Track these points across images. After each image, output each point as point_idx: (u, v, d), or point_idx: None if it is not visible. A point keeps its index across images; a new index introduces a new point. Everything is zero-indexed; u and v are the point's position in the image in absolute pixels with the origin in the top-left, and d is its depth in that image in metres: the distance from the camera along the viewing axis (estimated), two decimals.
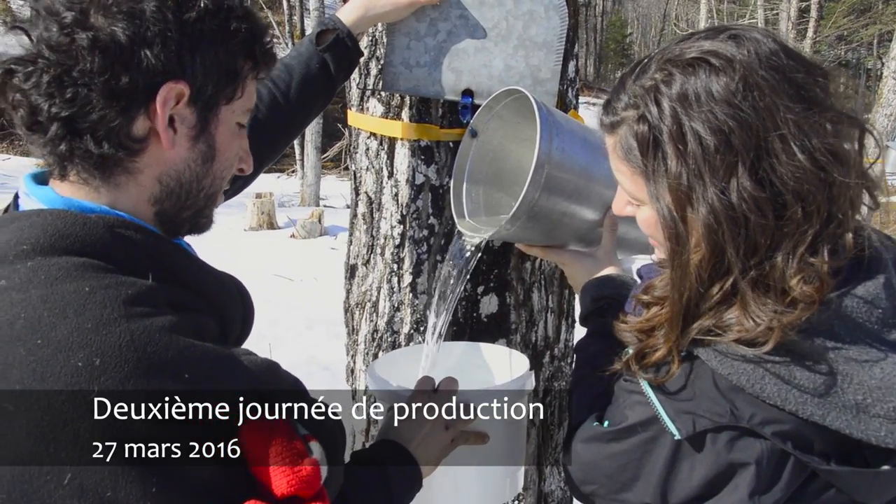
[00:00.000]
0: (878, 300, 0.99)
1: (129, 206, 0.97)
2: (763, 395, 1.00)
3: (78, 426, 0.76)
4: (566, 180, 1.48)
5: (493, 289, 1.87)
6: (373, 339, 1.99)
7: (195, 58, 0.95)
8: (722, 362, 1.02)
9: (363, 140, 1.97)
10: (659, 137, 1.03)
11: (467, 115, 1.71)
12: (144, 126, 0.94)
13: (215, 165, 1.03)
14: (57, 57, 0.89)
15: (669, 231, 1.05)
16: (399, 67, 1.71)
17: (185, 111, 0.97)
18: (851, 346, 0.98)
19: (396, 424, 1.30)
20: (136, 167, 0.96)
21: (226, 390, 0.86)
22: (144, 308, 0.84)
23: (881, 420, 0.96)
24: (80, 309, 0.81)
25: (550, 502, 2.10)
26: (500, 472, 1.49)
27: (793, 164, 0.96)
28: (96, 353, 0.78)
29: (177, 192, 1.00)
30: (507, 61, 1.71)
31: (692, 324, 1.05)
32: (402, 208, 1.87)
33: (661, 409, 1.09)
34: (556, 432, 2.08)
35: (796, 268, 0.97)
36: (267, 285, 8.52)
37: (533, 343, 1.96)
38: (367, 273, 2.01)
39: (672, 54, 1.04)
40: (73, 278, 0.84)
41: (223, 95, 1.00)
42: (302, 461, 0.88)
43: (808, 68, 1.01)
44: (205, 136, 1.00)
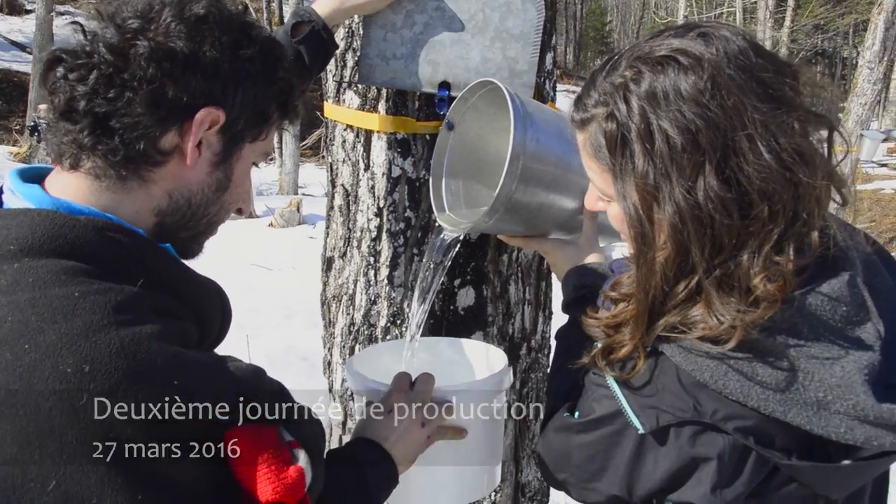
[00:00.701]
0: (843, 298, 0.99)
1: (131, 211, 0.97)
2: (726, 392, 1.01)
3: (65, 432, 0.76)
4: (543, 170, 1.47)
5: (470, 281, 1.87)
6: (349, 331, 1.98)
7: (238, 91, 0.99)
8: (686, 358, 1.03)
9: (340, 132, 1.96)
10: (627, 136, 1.03)
11: (444, 108, 1.70)
12: (173, 141, 0.97)
13: (226, 196, 1.06)
14: (112, 58, 0.92)
15: (635, 230, 1.06)
16: (375, 60, 1.70)
17: (213, 137, 1.00)
18: (814, 344, 0.98)
19: (373, 422, 1.30)
20: (152, 177, 0.98)
21: (213, 397, 0.86)
22: (132, 315, 0.84)
23: (841, 417, 0.97)
24: (69, 314, 0.80)
25: (527, 493, 2.11)
26: (477, 469, 1.49)
27: (759, 163, 0.97)
28: (85, 359, 0.78)
29: (183, 210, 1.02)
30: (484, 53, 1.71)
31: (658, 321, 1.06)
32: (379, 201, 1.86)
33: (625, 403, 1.11)
34: (532, 424, 2.09)
35: (761, 266, 0.98)
36: (245, 274, 8.47)
37: (510, 335, 1.97)
38: (343, 266, 2.00)
39: (642, 52, 1.04)
40: (62, 282, 0.83)
41: (250, 133, 1.04)
42: (287, 468, 0.89)
43: (777, 67, 1.01)
44: (225, 165, 1.03)
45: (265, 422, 0.91)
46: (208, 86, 0.96)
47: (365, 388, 1.43)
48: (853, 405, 0.96)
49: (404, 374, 1.40)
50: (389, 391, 1.36)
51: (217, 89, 0.97)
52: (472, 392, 1.43)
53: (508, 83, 1.69)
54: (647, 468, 1.11)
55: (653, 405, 1.08)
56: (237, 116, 1.01)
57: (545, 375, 2.14)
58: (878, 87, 10.53)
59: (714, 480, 1.05)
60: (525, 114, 1.44)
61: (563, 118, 1.56)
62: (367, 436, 1.27)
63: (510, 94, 1.45)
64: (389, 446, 1.26)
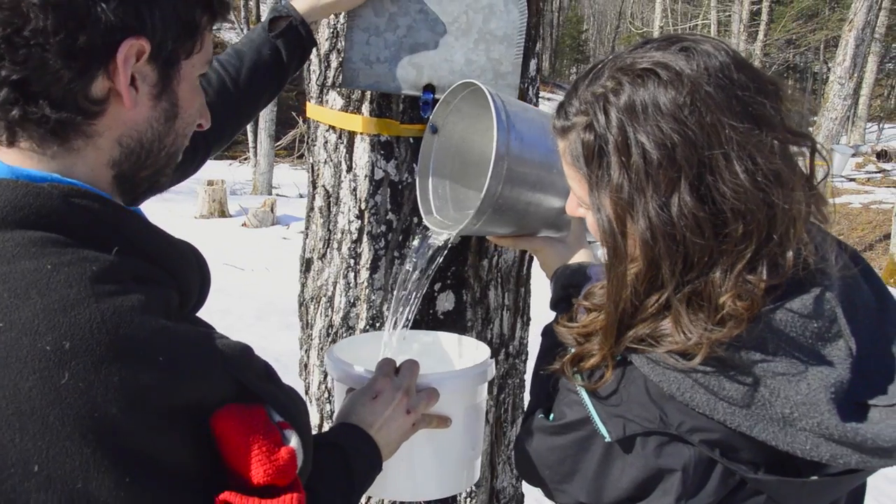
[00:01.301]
0: (813, 314, 0.99)
1: (86, 171, 0.91)
2: (692, 404, 1.01)
3: (47, 413, 0.72)
4: (528, 169, 1.47)
5: (450, 286, 1.86)
6: (328, 334, 1.97)
7: (154, 11, 0.89)
8: (654, 370, 1.04)
9: (322, 133, 1.94)
10: (604, 147, 1.03)
11: (428, 111, 1.70)
12: (104, 86, 0.88)
13: (178, 123, 0.99)
14: (4, 16, 0.82)
15: (608, 242, 1.06)
16: (359, 63, 1.69)
17: (145, 68, 0.91)
18: (781, 360, 0.99)
19: (358, 408, 1.28)
20: (96, 130, 0.90)
21: (200, 375, 0.83)
22: (111, 286, 0.80)
23: (807, 434, 0.98)
24: (44, 289, 0.76)
25: (502, 499, 2.11)
26: (458, 461, 1.49)
27: (735, 182, 0.97)
28: (65, 335, 0.74)
29: (137, 152, 0.95)
30: (468, 55, 1.71)
31: (627, 332, 1.06)
32: (361, 203, 1.85)
33: (593, 411, 1.12)
34: (508, 429, 2.09)
35: (732, 285, 0.98)
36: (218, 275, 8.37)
37: (488, 340, 1.96)
38: (322, 267, 1.99)
39: (624, 63, 1.04)
40: (32, 255, 0.79)
41: (183, 50, 0.96)
42: (279, 450, 0.86)
43: (758, 84, 1.01)
44: (167, 93, 0.96)
45: (254, 401, 0.88)
46: (120, 17, 0.86)
47: (347, 374, 1.41)
48: (818, 423, 0.97)
49: (389, 360, 1.39)
50: (374, 377, 1.34)
51: (130, 17, 0.87)
52: (457, 381, 1.42)
53: (493, 85, 1.70)
54: (613, 476, 1.12)
55: (620, 414, 1.09)
56: (163, 38, 0.91)
57: (522, 382, 2.14)
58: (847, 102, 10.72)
59: (679, 492, 1.06)
60: (508, 113, 1.44)
61: (547, 116, 1.56)
62: (351, 421, 1.25)
63: (491, 94, 1.44)
64: (374, 432, 1.24)
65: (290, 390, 0.99)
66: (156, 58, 0.91)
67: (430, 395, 1.36)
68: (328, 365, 1.48)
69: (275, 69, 1.62)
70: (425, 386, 1.37)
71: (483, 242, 1.88)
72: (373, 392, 1.30)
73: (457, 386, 1.41)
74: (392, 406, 1.28)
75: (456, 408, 1.42)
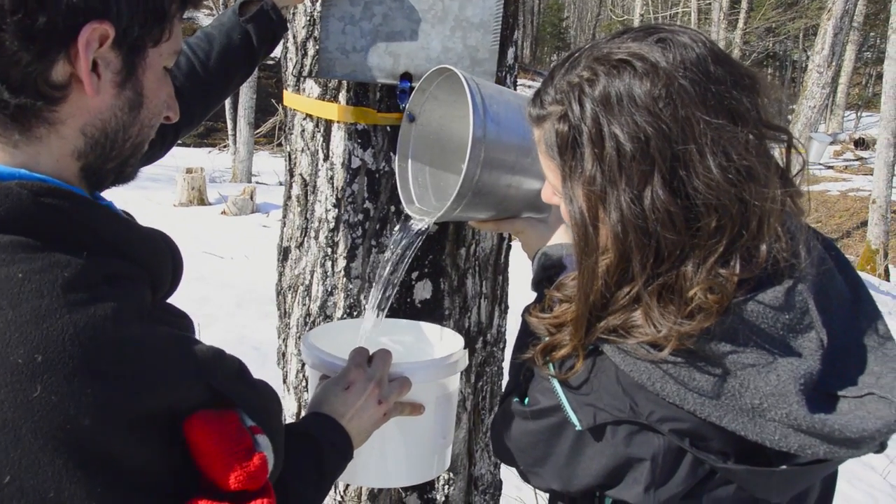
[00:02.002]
0: (784, 306, 1.00)
1: (50, 162, 0.88)
2: (663, 394, 1.02)
3: (19, 426, 0.72)
4: (506, 152, 1.46)
5: (428, 274, 1.86)
6: (305, 322, 1.97)
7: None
8: (625, 360, 1.05)
9: (299, 121, 1.94)
10: (578, 138, 1.03)
11: (405, 99, 1.70)
12: (65, 71, 0.84)
13: (143, 113, 0.95)
14: None
15: (579, 233, 1.06)
16: (335, 53, 1.68)
17: (109, 54, 0.87)
18: (752, 351, 1.00)
19: (331, 398, 1.28)
20: (58, 117, 0.86)
21: (174, 383, 0.83)
22: (83, 294, 0.78)
23: (776, 424, 0.99)
24: (15, 299, 0.75)
25: (480, 486, 2.12)
26: (428, 448, 1.49)
27: (708, 177, 0.97)
28: (37, 348, 0.73)
29: (102, 142, 0.92)
30: (445, 43, 1.70)
31: (598, 323, 1.07)
32: (338, 192, 1.84)
33: (564, 400, 1.13)
34: (486, 416, 2.10)
35: (704, 278, 0.99)
36: (197, 263, 8.34)
37: (466, 329, 1.97)
38: (300, 256, 1.98)
39: (601, 53, 1.04)
40: (2, 262, 0.77)
41: (150, 38, 0.91)
42: (251, 458, 0.86)
43: (735, 77, 1.01)
44: (131, 81, 0.91)
45: (227, 405, 0.89)
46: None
47: (321, 362, 1.42)
48: (786, 414, 0.98)
49: (362, 349, 1.39)
50: (348, 366, 1.34)
51: (94, 0, 0.82)
52: (429, 370, 1.43)
53: (470, 72, 1.69)
54: (583, 463, 1.13)
55: (590, 403, 1.10)
56: (129, 24, 0.87)
57: (500, 370, 2.15)
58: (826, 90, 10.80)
59: (648, 481, 1.07)
60: (483, 96, 1.43)
61: (523, 98, 1.56)
62: (323, 411, 1.25)
63: (466, 77, 1.43)
64: (346, 422, 1.25)
65: (262, 389, 0.99)
66: (120, 44, 0.87)
67: (403, 384, 1.37)
68: (303, 351, 1.48)
69: (245, 54, 1.61)
70: (397, 375, 1.37)
71: (461, 231, 1.88)
72: (345, 382, 1.31)
73: (428, 375, 1.42)
74: (364, 397, 1.29)
75: (427, 397, 1.42)
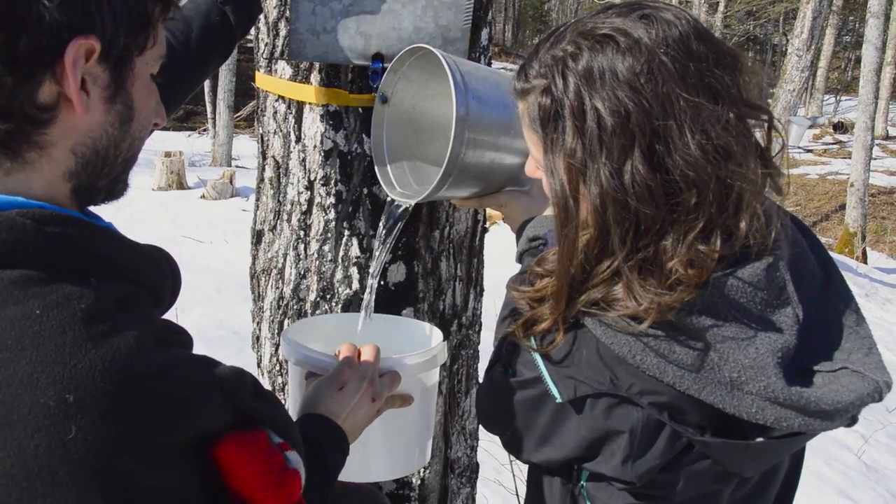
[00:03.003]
0: (761, 283, 1.01)
1: (43, 186, 0.85)
2: (643, 367, 1.03)
3: (56, 470, 0.69)
4: (488, 128, 1.45)
5: (401, 257, 1.85)
6: (278, 306, 1.96)
7: (102, 6, 0.81)
8: (605, 332, 1.06)
9: (271, 103, 1.91)
10: (560, 111, 1.04)
11: (378, 80, 1.68)
12: (52, 92, 0.81)
13: (133, 126, 0.92)
14: None
15: (559, 206, 1.07)
16: (305, 34, 1.66)
17: (96, 69, 0.84)
18: (731, 325, 1.01)
19: (325, 399, 1.27)
20: (48, 140, 0.83)
21: (203, 408, 0.82)
22: (103, 325, 0.76)
23: (753, 397, 1.00)
24: (37, 338, 0.72)
25: (457, 469, 2.13)
26: (410, 442, 1.50)
27: (686, 153, 0.98)
28: (67, 388, 0.71)
29: (93, 161, 0.88)
30: (416, 22, 1.68)
31: (579, 297, 1.07)
32: (310, 174, 1.83)
33: (545, 372, 1.14)
34: (462, 400, 2.10)
35: (684, 253, 0.99)
36: (176, 247, 8.29)
37: (441, 312, 1.96)
38: (273, 239, 1.97)
39: (585, 28, 1.04)
40: (16, 299, 0.74)
41: (136, 46, 0.88)
42: (285, 476, 0.87)
43: (717, 55, 1.01)
44: (121, 94, 0.88)
45: (252, 424, 0.89)
46: (66, 14, 0.78)
47: (307, 359, 1.40)
48: (764, 386, 0.99)
49: (350, 345, 1.38)
50: (340, 366, 1.33)
51: (77, 14, 0.79)
52: (415, 364, 1.43)
53: (442, 51, 1.67)
54: (563, 435, 1.14)
55: (571, 375, 1.11)
56: (114, 35, 0.83)
57: (476, 353, 2.15)
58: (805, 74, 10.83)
59: (626, 453, 1.08)
60: (462, 73, 1.42)
61: (500, 74, 1.55)
62: (319, 412, 1.25)
63: (444, 56, 1.42)
64: (342, 421, 1.24)
65: (277, 402, 0.99)
66: (107, 57, 0.84)
67: (393, 379, 1.37)
68: (284, 349, 1.47)
69: (223, 35, 1.60)
70: (387, 370, 1.37)
71: (434, 213, 1.87)
72: (339, 382, 1.30)
73: (415, 369, 1.42)
74: (358, 395, 1.29)
75: (412, 390, 1.43)
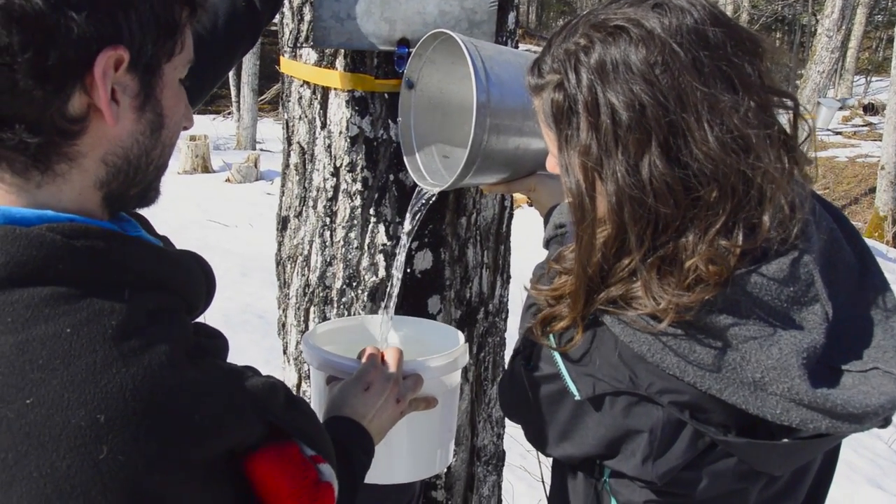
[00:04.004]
0: (788, 278, 0.98)
1: (73, 196, 0.83)
2: (663, 366, 1.01)
3: (89, 490, 0.69)
4: (511, 114, 1.43)
5: (428, 244, 1.84)
6: (304, 293, 1.95)
7: (130, 14, 0.80)
8: (625, 330, 1.03)
9: (296, 88, 1.90)
10: (574, 107, 1.01)
11: (403, 66, 1.65)
12: (82, 103, 0.79)
13: (164, 133, 0.91)
14: None
15: (576, 206, 1.04)
16: (329, 21, 1.63)
17: (126, 79, 0.82)
18: (754, 324, 0.97)
19: (351, 399, 1.27)
20: (78, 151, 0.82)
21: (235, 424, 0.82)
22: (135, 341, 0.76)
23: (777, 398, 0.97)
24: (68, 356, 0.72)
25: (483, 457, 2.12)
26: (433, 444, 1.49)
27: (706, 146, 0.95)
28: (98, 408, 0.70)
29: (125, 170, 0.87)
30: (441, 6, 1.65)
31: (598, 295, 1.05)
32: (336, 160, 1.81)
33: (564, 370, 1.12)
34: (489, 388, 2.08)
35: (705, 249, 0.96)
36: (200, 231, 8.35)
37: (467, 299, 1.95)
38: (299, 225, 1.95)
39: (597, 19, 1.01)
40: (47, 317, 0.73)
41: (164, 53, 0.86)
42: (318, 489, 0.88)
43: (736, 41, 0.98)
44: (151, 103, 0.87)
45: (284, 437, 0.89)
46: (94, 26, 0.76)
47: (329, 363, 1.40)
48: (788, 388, 0.96)
49: (374, 348, 1.38)
50: (365, 366, 1.33)
51: (106, 25, 0.77)
52: (438, 367, 1.42)
53: (468, 35, 1.65)
54: (582, 432, 1.13)
55: (590, 373, 1.09)
56: (142, 43, 0.82)
57: (502, 340, 2.13)
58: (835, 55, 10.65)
59: (646, 452, 1.06)
60: (483, 58, 1.39)
61: (525, 56, 1.51)
62: (345, 413, 1.24)
63: (463, 41, 1.39)
64: (367, 424, 1.24)
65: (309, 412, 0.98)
66: (136, 66, 0.83)
67: (416, 381, 1.37)
68: (306, 353, 1.47)
69: (250, 21, 1.58)
70: (410, 372, 1.37)
71: (461, 200, 1.85)
72: (364, 383, 1.29)
73: (438, 371, 1.42)
74: (384, 396, 1.28)
75: (435, 392, 1.42)
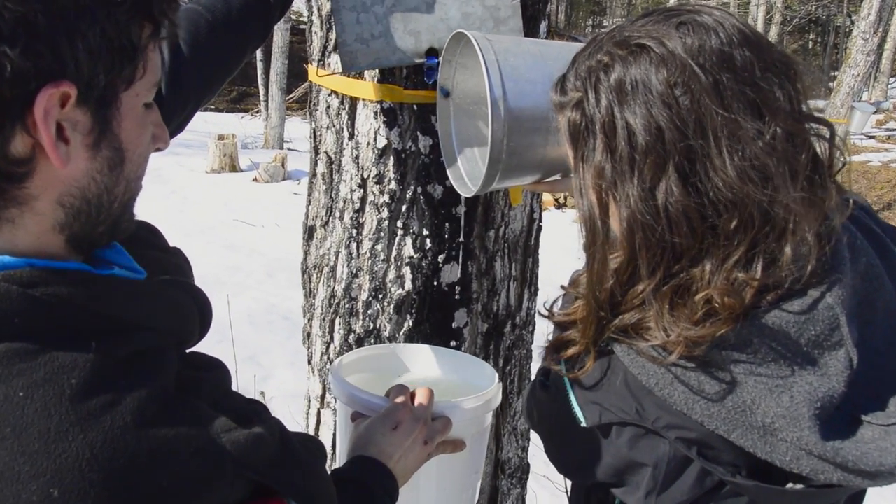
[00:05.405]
0: (812, 320, 0.92)
1: (30, 241, 0.75)
2: (671, 401, 0.97)
3: None
4: (532, 109, 1.35)
5: (455, 257, 1.81)
6: (330, 304, 1.93)
7: (76, 44, 0.70)
8: (634, 361, 1.00)
9: (324, 97, 1.88)
10: (591, 127, 0.98)
11: (433, 76, 1.63)
12: (26, 144, 0.71)
13: (126, 168, 0.81)
14: None
15: (587, 229, 1.01)
16: (355, 45, 1.60)
17: (75, 115, 0.73)
18: (768, 366, 0.93)
19: (378, 437, 1.22)
20: (29, 194, 0.73)
21: (208, 486, 0.75)
22: (97, 399, 0.69)
23: (788, 445, 0.93)
24: (19, 424, 0.66)
25: (507, 470, 2.09)
26: (461, 485, 1.45)
27: (725, 173, 0.90)
28: (52, 481, 0.65)
29: (86, 211, 0.78)
30: (463, 8, 1.61)
31: (610, 322, 1.02)
32: (363, 171, 1.79)
33: (571, 395, 1.10)
34: (514, 400, 2.06)
35: (721, 281, 0.92)
36: (227, 230, 8.39)
37: (494, 312, 1.92)
38: (325, 235, 1.94)
39: (622, 36, 0.98)
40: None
41: (121, 81, 0.76)
42: None
43: (765, 63, 0.93)
44: (107, 138, 0.77)
45: (272, 494, 0.83)
46: (32, 61, 0.67)
47: (356, 399, 1.35)
48: (797, 438, 0.92)
49: (403, 386, 1.33)
50: (394, 405, 1.28)
51: (45, 59, 0.68)
52: (469, 409, 1.37)
53: (496, 33, 1.61)
54: (590, 458, 1.11)
55: (597, 401, 1.06)
56: (92, 74, 0.72)
57: (529, 353, 2.10)
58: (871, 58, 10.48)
59: (649, 487, 1.04)
60: (496, 52, 1.32)
61: (545, 43, 1.45)
62: (370, 453, 1.19)
63: (475, 35, 1.34)
64: (393, 465, 1.19)
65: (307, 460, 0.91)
66: (86, 99, 0.73)
67: (445, 425, 1.31)
68: (333, 386, 1.42)
69: (261, 16, 1.54)
70: (439, 414, 1.31)
71: (489, 212, 1.83)
72: (392, 422, 1.23)
73: (469, 413, 1.36)
74: (412, 437, 1.23)
75: (465, 434, 1.37)
